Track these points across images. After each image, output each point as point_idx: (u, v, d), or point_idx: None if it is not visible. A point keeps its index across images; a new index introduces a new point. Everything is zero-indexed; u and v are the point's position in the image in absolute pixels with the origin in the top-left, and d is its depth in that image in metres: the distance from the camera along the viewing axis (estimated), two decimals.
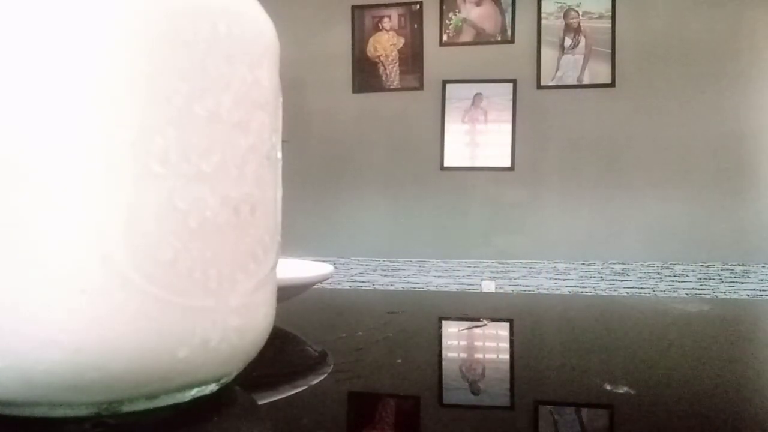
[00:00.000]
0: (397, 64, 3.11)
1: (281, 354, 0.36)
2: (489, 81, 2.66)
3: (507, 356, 0.39)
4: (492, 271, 2.83)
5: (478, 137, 2.88)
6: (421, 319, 0.53)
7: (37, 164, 0.21)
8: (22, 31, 0.21)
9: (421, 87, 3.05)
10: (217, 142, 0.24)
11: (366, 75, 3.13)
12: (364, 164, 3.09)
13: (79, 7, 0.21)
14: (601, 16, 2.94)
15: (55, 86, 0.21)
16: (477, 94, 2.83)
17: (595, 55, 2.93)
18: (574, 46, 2.95)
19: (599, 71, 2.92)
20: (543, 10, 2.96)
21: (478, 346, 0.41)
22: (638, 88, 2.89)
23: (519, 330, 0.48)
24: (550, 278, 2.74)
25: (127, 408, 0.23)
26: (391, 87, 3.12)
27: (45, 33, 0.21)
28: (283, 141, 0.28)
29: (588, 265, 2.78)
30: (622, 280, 2.84)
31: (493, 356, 0.38)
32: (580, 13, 2.96)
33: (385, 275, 3.07)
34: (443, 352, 0.40)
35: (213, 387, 0.26)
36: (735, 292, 2.82)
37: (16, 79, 0.21)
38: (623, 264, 2.82)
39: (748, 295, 2.81)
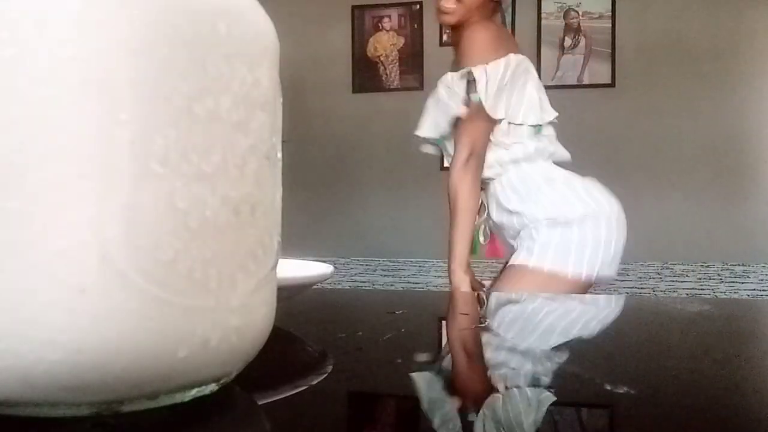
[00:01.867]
0: (397, 64, 3.12)
1: (281, 354, 0.36)
2: None
3: (507, 356, 0.39)
4: (492, 271, 2.83)
5: None
6: (421, 319, 0.53)
7: (36, 164, 0.21)
8: (21, 31, 0.21)
9: (421, 87, 3.05)
10: (217, 142, 0.24)
11: (366, 75, 3.13)
12: (364, 164, 3.09)
13: (78, 7, 0.21)
14: (601, 16, 2.94)
15: (54, 86, 0.21)
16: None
17: (595, 55, 2.93)
18: (574, 46, 2.95)
19: (599, 71, 2.92)
20: (543, 10, 2.96)
21: (478, 346, 0.41)
22: (638, 88, 2.89)
23: (519, 330, 0.48)
24: None
25: (127, 408, 0.23)
26: (391, 87, 3.12)
27: (45, 33, 0.21)
28: (283, 141, 0.28)
29: None
30: (622, 280, 2.84)
31: (493, 356, 0.38)
32: (580, 13, 2.96)
33: (385, 275, 3.07)
34: (443, 352, 0.40)
35: (213, 387, 0.26)
36: (735, 292, 2.82)
37: (15, 79, 0.21)
38: (624, 264, 2.81)
39: (748, 295, 2.81)
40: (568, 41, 2.96)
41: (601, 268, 1.38)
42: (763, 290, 2.81)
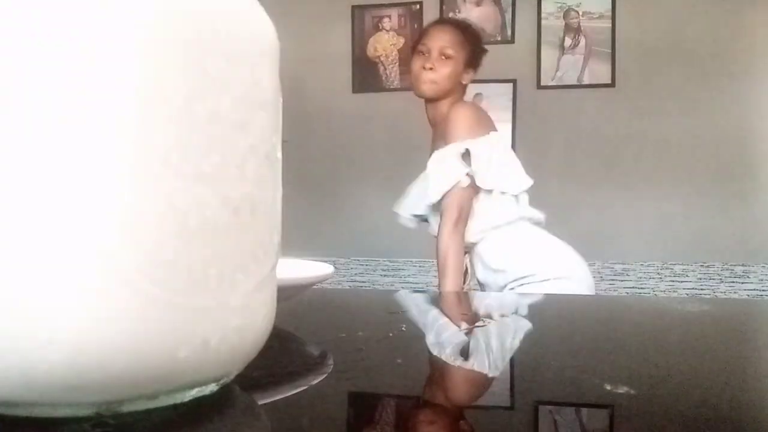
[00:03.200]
0: (397, 64, 3.11)
1: (281, 354, 0.36)
2: (489, 81, 2.66)
3: (507, 356, 0.39)
4: None
5: None
6: (421, 319, 0.53)
7: (36, 164, 0.21)
8: (21, 32, 0.21)
9: None
10: (217, 142, 0.24)
11: (366, 75, 3.13)
12: (364, 164, 3.09)
13: (78, 8, 0.21)
14: (601, 16, 2.94)
15: (54, 87, 0.21)
16: (477, 94, 2.82)
17: (595, 55, 2.93)
18: (574, 46, 2.95)
19: (599, 71, 2.92)
20: (543, 10, 2.96)
21: (478, 346, 0.41)
22: (638, 88, 2.89)
23: (519, 330, 0.48)
24: None
25: (127, 408, 0.23)
26: (391, 87, 3.11)
27: (44, 34, 0.21)
28: (283, 141, 0.28)
29: (588, 265, 2.78)
30: (622, 280, 2.84)
31: (494, 356, 0.38)
32: (580, 13, 2.96)
33: (385, 275, 3.07)
34: (443, 353, 0.40)
35: (213, 387, 0.26)
36: (735, 292, 2.82)
37: (16, 80, 0.21)
38: (623, 264, 2.81)
39: (748, 295, 2.81)
40: (568, 41, 2.95)
41: None
42: (763, 290, 2.81)
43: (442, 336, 0.46)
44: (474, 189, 1.50)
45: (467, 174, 1.47)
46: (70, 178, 0.21)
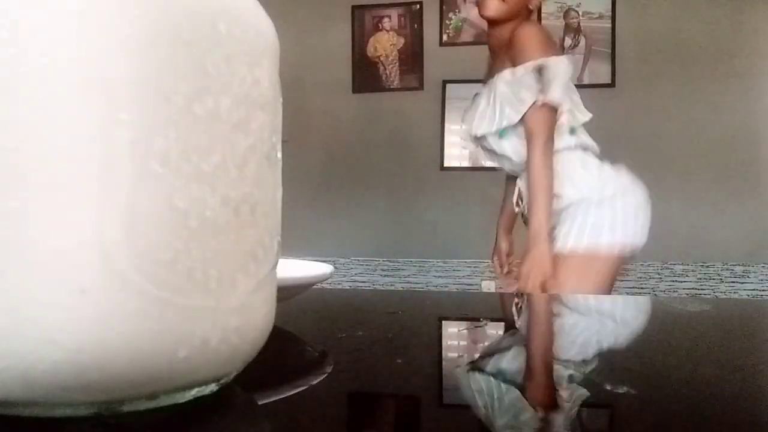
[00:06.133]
0: (397, 64, 3.12)
1: (281, 354, 0.36)
2: None
3: (507, 356, 0.39)
4: (492, 271, 2.83)
5: None
6: (421, 319, 0.53)
7: (36, 164, 0.21)
8: (21, 31, 0.21)
9: (421, 87, 3.05)
10: (217, 142, 0.24)
11: (366, 75, 3.13)
12: (364, 164, 3.09)
13: (78, 7, 0.21)
14: (601, 16, 2.94)
15: (54, 86, 0.21)
16: (477, 94, 2.82)
17: (595, 55, 2.93)
18: (574, 46, 2.95)
19: (599, 71, 2.92)
20: (543, 10, 2.96)
21: (478, 346, 0.41)
22: (638, 88, 2.89)
23: (519, 330, 0.48)
24: None
25: (127, 408, 0.23)
26: (391, 87, 3.12)
27: (45, 33, 0.21)
28: (283, 141, 0.28)
29: None
30: (622, 280, 2.83)
31: (493, 356, 0.38)
32: (580, 13, 2.96)
33: (385, 275, 3.07)
34: (443, 352, 0.40)
35: (213, 387, 0.26)
36: (735, 292, 2.82)
37: (15, 79, 0.21)
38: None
39: (748, 295, 2.81)
40: (568, 41, 2.96)
41: (633, 238, 1.47)
42: (763, 290, 2.81)
43: (442, 336, 0.46)
44: (552, 109, 1.43)
45: (546, 92, 1.40)
46: (70, 178, 0.21)
